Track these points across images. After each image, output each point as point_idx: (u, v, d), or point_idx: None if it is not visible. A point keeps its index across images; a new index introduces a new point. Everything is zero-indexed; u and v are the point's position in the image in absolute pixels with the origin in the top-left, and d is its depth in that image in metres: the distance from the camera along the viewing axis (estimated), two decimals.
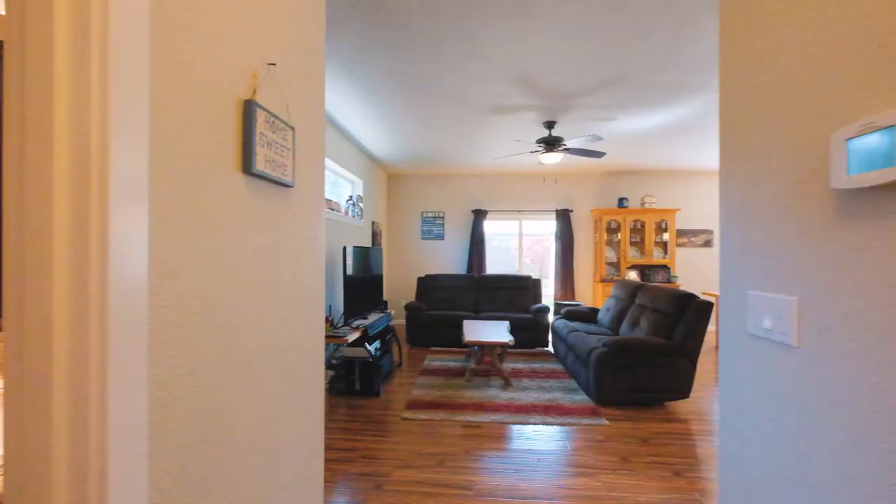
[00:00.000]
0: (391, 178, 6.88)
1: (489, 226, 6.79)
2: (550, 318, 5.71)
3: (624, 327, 4.09)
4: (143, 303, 0.59)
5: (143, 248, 0.59)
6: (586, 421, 3.07)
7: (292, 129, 1.03)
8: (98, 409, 0.53)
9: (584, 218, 6.66)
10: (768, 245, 0.85)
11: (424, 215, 6.79)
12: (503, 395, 3.56)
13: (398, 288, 6.83)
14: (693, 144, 5.01)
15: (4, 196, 0.54)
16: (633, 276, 6.25)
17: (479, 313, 5.58)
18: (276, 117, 0.96)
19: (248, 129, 0.86)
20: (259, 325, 0.93)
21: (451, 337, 5.25)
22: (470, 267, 6.57)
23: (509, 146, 5.03)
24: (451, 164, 6.08)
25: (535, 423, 3.04)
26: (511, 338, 3.81)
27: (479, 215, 6.59)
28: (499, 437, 2.86)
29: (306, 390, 1.18)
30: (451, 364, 4.51)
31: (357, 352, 3.57)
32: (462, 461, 2.52)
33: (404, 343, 5.57)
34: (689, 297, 3.47)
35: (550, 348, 5.30)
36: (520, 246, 6.86)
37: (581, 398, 3.51)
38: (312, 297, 1.22)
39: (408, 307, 5.40)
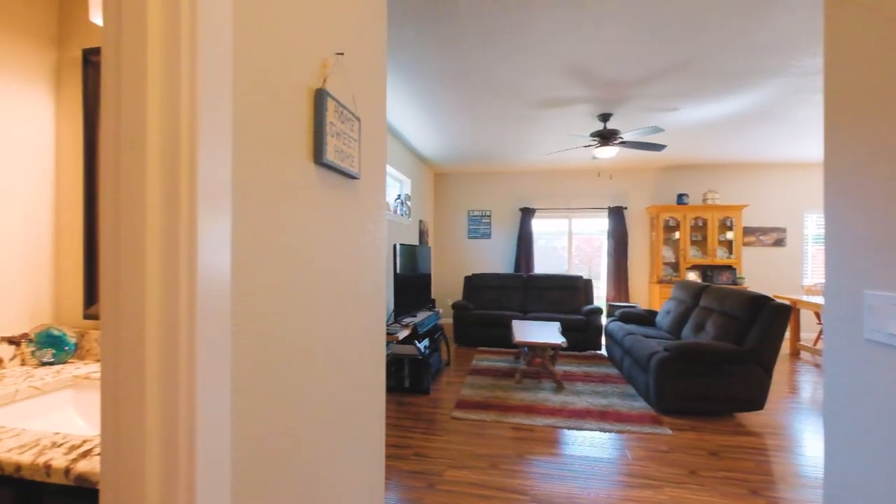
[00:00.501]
0: (437, 177, 6.89)
1: (537, 224, 6.63)
2: (603, 320, 5.47)
3: (686, 331, 3.83)
4: (227, 292, 0.58)
5: (226, 238, 0.58)
6: (647, 429, 2.89)
7: (358, 119, 1.02)
8: (187, 394, 0.53)
9: (639, 215, 6.34)
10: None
11: (471, 214, 6.74)
12: (555, 399, 3.44)
13: (445, 287, 6.82)
14: (765, 134, 4.61)
15: (101, 193, 0.55)
16: (692, 277, 5.86)
17: (526, 314, 5.45)
18: (345, 107, 0.95)
19: (318, 118, 0.85)
20: (328, 317, 0.92)
21: (499, 337, 5.17)
22: (517, 266, 6.45)
23: (560, 141, 4.87)
24: (499, 161, 5.99)
25: (590, 429, 2.90)
26: (563, 339, 3.68)
27: (527, 213, 6.45)
28: (552, 441, 2.76)
29: (371, 385, 1.17)
30: (500, 365, 4.43)
31: (407, 349, 3.58)
32: (515, 464, 2.44)
33: (451, 342, 5.55)
34: (764, 300, 3.18)
35: (603, 351, 5.07)
36: (569, 245, 6.64)
37: (640, 405, 3.32)
38: (376, 292, 1.21)
39: (455, 306, 5.37)
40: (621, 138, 4.02)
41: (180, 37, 0.53)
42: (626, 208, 6.29)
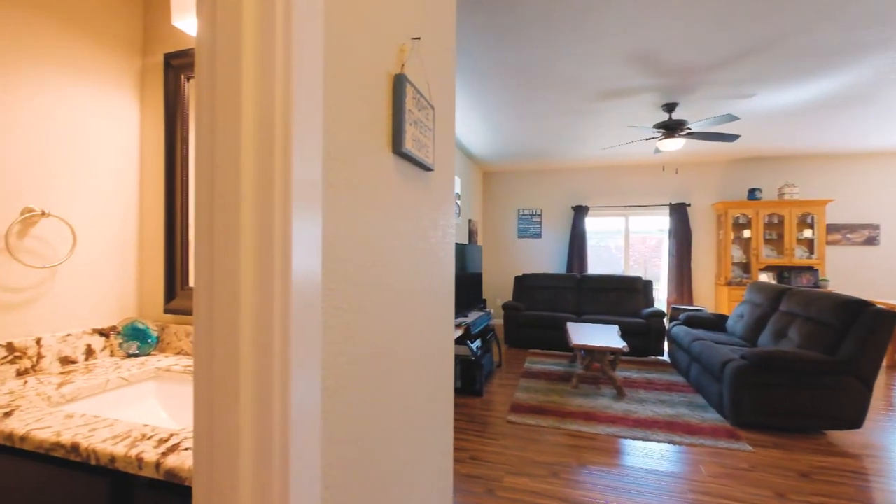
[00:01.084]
0: (486, 176, 6.80)
1: (590, 223, 6.36)
2: (665, 323, 5.14)
3: (764, 338, 3.50)
4: (318, 288, 0.55)
5: (318, 234, 0.55)
6: (723, 444, 2.65)
7: (433, 108, 0.97)
8: (281, 391, 0.49)
9: (705, 212, 5.90)
10: None
11: (521, 213, 6.59)
12: (616, 406, 3.25)
13: (494, 287, 6.72)
14: (854, 120, 4.13)
15: (196, 190, 0.53)
16: (765, 278, 5.38)
17: (581, 316, 5.24)
18: (421, 94, 0.90)
19: (397, 104, 0.80)
20: (405, 315, 0.87)
21: (552, 339, 5.00)
22: (570, 266, 6.22)
23: (620, 134, 4.63)
24: (551, 158, 5.80)
25: (657, 441, 2.71)
26: (624, 344, 3.48)
27: (580, 212, 6.20)
28: (615, 451, 2.60)
29: (442, 385, 1.12)
30: (554, 368, 4.27)
31: (459, 349, 3.53)
32: (577, 474, 2.32)
33: (502, 343, 5.44)
34: (861, 305, 2.83)
35: (666, 357, 4.77)
36: (626, 244, 6.32)
37: (712, 417, 3.06)
38: (446, 290, 1.16)
39: (505, 307, 5.26)
40: (689, 129, 3.74)
41: (275, 20, 0.50)
42: (689, 205, 5.88)
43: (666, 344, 4.94)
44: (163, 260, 1.44)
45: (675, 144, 3.88)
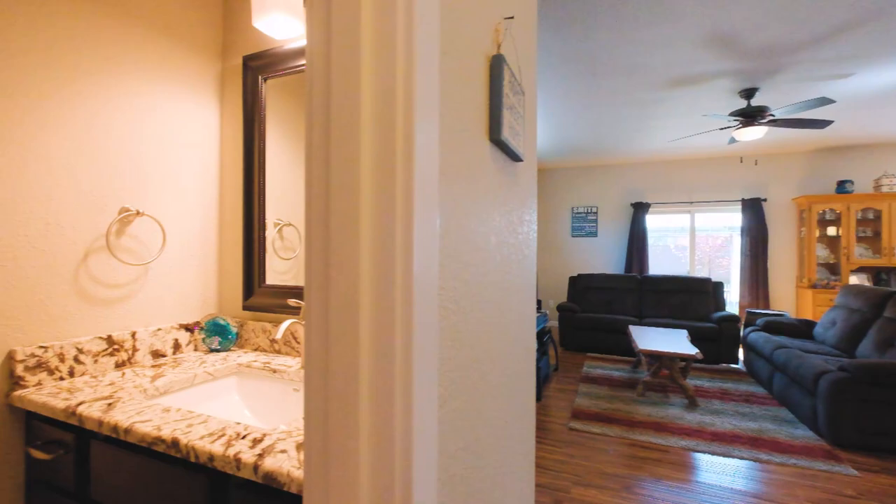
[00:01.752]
0: (539, 173, 6.61)
1: (651, 220, 6.00)
2: (740, 329, 4.74)
3: (865, 347, 3.10)
4: (437, 288, 0.49)
5: (436, 231, 0.50)
6: (820, 466, 2.37)
7: (524, 93, 0.90)
8: (403, 405, 0.44)
9: (783, 208, 5.38)
10: None
11: (575, 211, 6.35)
12: (689, 417, 3.02)
13: (547, 288, 6.53)
14: None
15: (308, 185, 0.49)
16: (856, 280, 4.81)
17: (642, 319, 4.94)
18: (515, 78, 0.83)
19: (495, 88, 0.74)
20: (498, 315, 0.81)
21: (610, 342, 4.75)
22: (628, 266, 5.91)
23: (689, 125, 4.32)
24: (609, 152, 5.53)
25: (740, 458, 2.47)
26: (697, 350, 3.22)
27: (640, 209, 5.87)
28: (692, 466, 2.39)
29: (527, 388, 1.04)
30: (616, 374, 4.05)
31: None
32: (652, 489, 2.15)
33: (557, 346, 5.26)
34: None
35: (741, 365, 4.39)
36: (691, 243, 5.90)
37: (803, 434, 2.75)
38: (530, 289, 1.08)
39: (561, 308, 5.08)
40: (772, 115, 3.40)
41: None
42: (765, 200, 5.39)
43: (741, 351, 4.55)
44: (241, 258, 1.47)
45: (754, 133, 3.54)
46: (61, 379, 1.07)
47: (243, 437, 0.76)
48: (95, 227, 1.16)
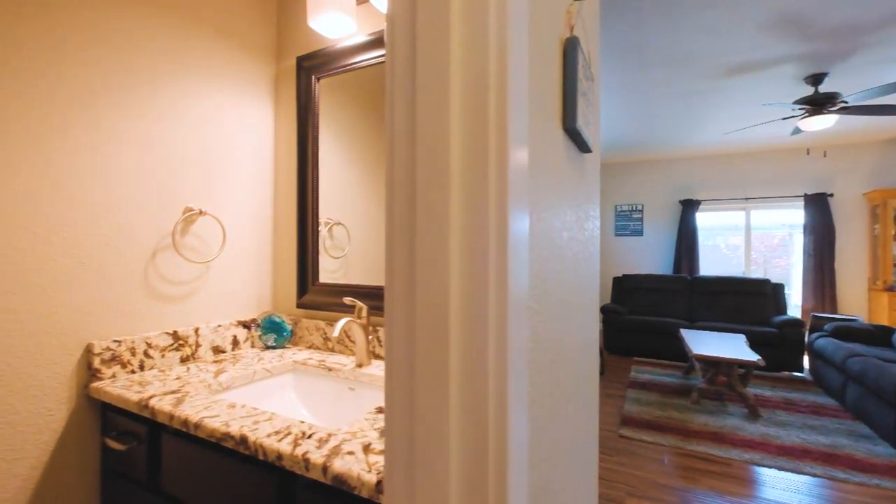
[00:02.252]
0: None
1: (701, 218, 5.69)
2: (805, 334, 4.40)
3: None
4: (527, 287, 0.46)
5: (527, 225, 0.46)
6: None
7: (593, 80, 0.84)
8: (497, 418, 0.40)
9: (852, 203, 4.95)
10: None
11: (618, 209, 6.12)
12: (751, 428, 2.81)
13: None
14: None
15: (389, 182, 0.47)
16: None
17: (693, 322, 4.69)
18: (588, 63, 0.78)
19: (570, 73, 0.69)
20: (570, 316, 0.76)
21: (659, 346, 4.54)
22: (677, 267, 5.62)
23: (748, 115, 4.05)
24: (655, 147, 5.29)
25: (812, 475, 2.27)
26: (759, 357, 3.00)
27: (690, 206, 5.58)
28: (756, 481, 2.22)
29: (593, 393, 0.98)
30: (666, 379, 3.85)
31: None
32: None
33: (602, 349, 5.08)
34: None
35: (806, 374, 4.06)
36: (746, 242, 5.54)
37: (884, 451, 2.50)
38: (595, 288, 1.02)
39: (604, 310, 4.90)
40: (843, 103, 3.12)
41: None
42: (831, 195, 4.97)
43: (806, 358, 4.21)
44: (295, 257, 1.49)
45: (822, 123, 3.27)
46: (133, 372, 1.12)
47: (309, 437, 0.75)
48: (162, 227, 1.20)
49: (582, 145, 0.81)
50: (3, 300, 0.92)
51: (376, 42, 1.31)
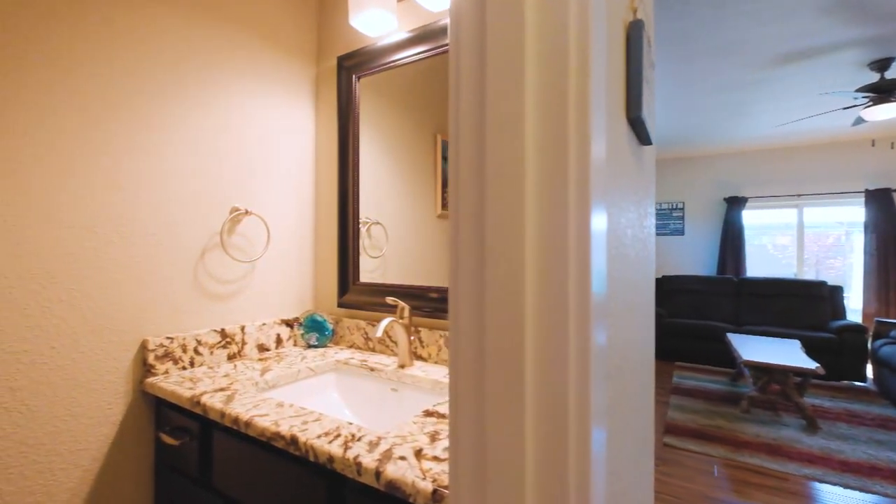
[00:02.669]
0: None
1: (748, 216, 5.38)
2: (868, 341, 4.08)
3: None
4: (605, 287, 0.42)
5: (606, 223, 0.42)
6: None
7: (654, 65, 0.79)
8: (577, 418, 0.37)
9: None
10: None
11: (658, 207, 5.89)
12: (809, 441, 2.62)
13: None
14: None
15: (453, 175, 0.44)
16: None
17: (741, 326, 4.44)
18: (650, 48, 0.73)
19: (634, 58, 0.64)
20: (633, 318, 0.71)
21: (703, 351, 4.33)
22: (721, 268, 5.35)
23: (802, 106, 3.80)
24: (698, 143, 5.06)
25: (884, 494, 2.08)
26: (817, 364, 2.80)
27: (735, 204, 5.29)
28: (816, 499, 2.06)
29: (649, 401, 0.93)
30: (712, 386, 3.66)
31: None
32: None
33: None
34: None
35: (869, 384, 3.77)
36: (799, 241, 5.20)
37: None
38: (651, 290, 0.96)
39: None
40: None
41: None
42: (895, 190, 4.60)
43: (870, 367, 3.90)
44: (336, 256, 1.50)
45: (889, 112, 3.02)
46: (184, 368, 1.15)
47: (359, 439, 0.74)
48: (211, 226, 1.23)
49: (643, 137, 0.76)
50: (69, 297, 0.96)
51: (417, 39, 1.29)
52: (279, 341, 1.40)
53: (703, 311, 4.78)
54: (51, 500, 0.94)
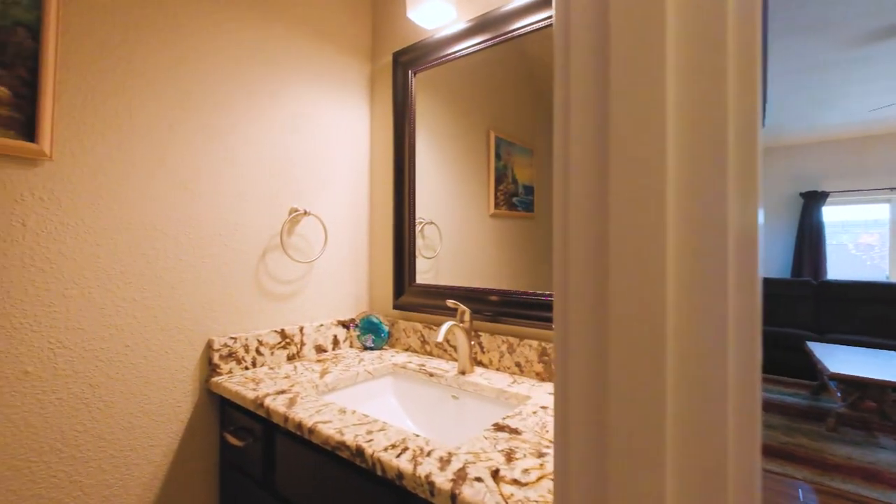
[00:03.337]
0: None
1: (829, 213, 4.87)
2: None
3: None
4: (760, 288, 0.33)
5: (762, 219, 0.34)
6: None
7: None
8: (738, 459, 0.29)
9: None
10: None
11: None
12: None
13: None
14: None
15: (565, 165, 0.37)
16: None
17: (823, 334, 4.01)
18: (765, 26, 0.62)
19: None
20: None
21: (777, 360, 3.95)
22: (797, 270, 4.88)
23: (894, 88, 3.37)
24: (770, 133, 4.63)
25: None
26: None
27: (814, 199, 4.80)
28: None
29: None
30: (788, 399, 3.33)
31: None
32: None
33: None
34: None
35: None
36: (892, 240, 4.64)
37: None
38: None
39: None
40: None
41: None
42: None
43: None
44: (391, 257, 1.46)
45: None
46: (246, 368, 1.15)
47: (428, 454, 0.68)
48: (271, 227, 1.23)
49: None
50: (141, 296, 0.98)
51: (476, 28, 1.23)
52: (336, 342, 1.39)
53: (775, 317, 4.37)
54: (126, 494, 0.97)
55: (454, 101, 1.32)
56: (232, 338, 1.13)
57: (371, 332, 1.39)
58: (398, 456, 0.68)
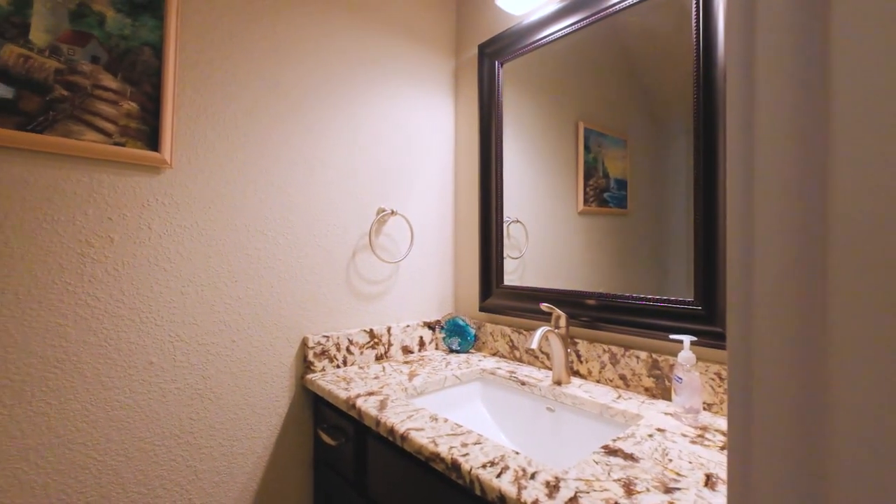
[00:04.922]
0: None
1: None
2: None
3: None
4: None
5: None
6: None
7: None
8: None
9: None
10: None
11: None
12: None
13: None
14: None
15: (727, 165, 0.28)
16: None
17: None
18: None
19: None
20: None
21: None
22: None
23: None
24: None
25: None
26: None
27: None
28: None
29: None
30: None
31: None
32: None
33: None
34: None
35: None
36: None
37: None
38: None
39: None
40: None
41: None
42: None
43: None
44: (477, 257, 1.41)
45: None
46: (337, 367, 1.17)
47: (532, 477, 0.61)
48: (360, 227, 1.25)
49: None
50: (246, 294, 1.04)
51: (569, 8, 1.13)
52: (422, 344, 1.37)
53: None
54: (233, 481, 1.02)
55: (540, 91, 1.23)
56: (325, 336, 1.15)
57: (457, 335, 1.34)
58: (498, 476, 0.61)
